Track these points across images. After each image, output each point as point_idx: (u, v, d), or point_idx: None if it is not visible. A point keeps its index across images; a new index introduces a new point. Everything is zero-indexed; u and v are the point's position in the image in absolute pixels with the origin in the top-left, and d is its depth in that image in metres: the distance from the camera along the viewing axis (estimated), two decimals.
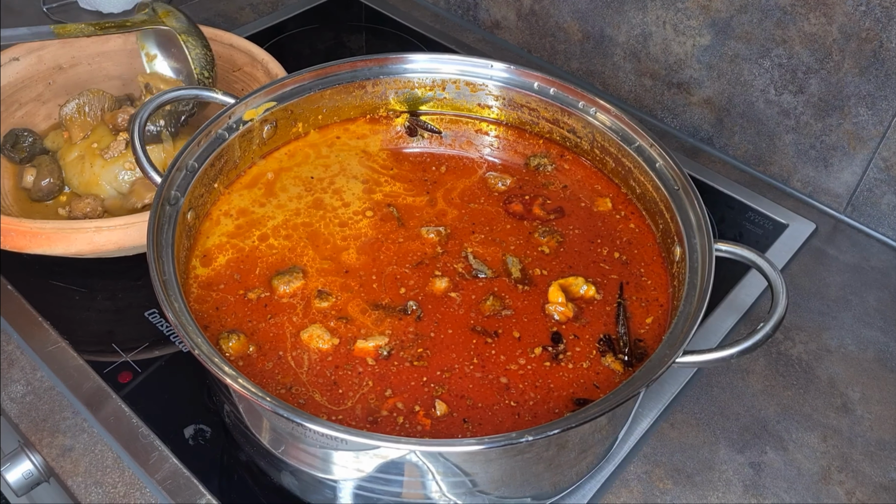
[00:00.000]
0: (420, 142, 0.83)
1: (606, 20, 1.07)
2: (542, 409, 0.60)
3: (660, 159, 0.73)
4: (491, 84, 0.83)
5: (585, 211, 0.77)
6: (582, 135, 0.80)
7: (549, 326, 0.66)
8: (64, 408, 0.73)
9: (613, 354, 0.64)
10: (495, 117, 0.84)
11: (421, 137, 0.83)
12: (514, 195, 0.78)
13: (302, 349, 0.63)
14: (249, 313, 0.65)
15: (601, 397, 0.56)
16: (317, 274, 0.69)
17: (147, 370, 0.76)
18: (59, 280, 0.84)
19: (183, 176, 0.68)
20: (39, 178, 0.87)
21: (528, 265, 0.71)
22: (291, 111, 0.79)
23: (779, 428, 0.75)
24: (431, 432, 0.58)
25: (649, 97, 1.09)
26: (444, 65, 0.83)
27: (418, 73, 0.82)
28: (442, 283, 0.68)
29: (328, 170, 0.79)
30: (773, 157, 1.00)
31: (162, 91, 0.71)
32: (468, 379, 0.62)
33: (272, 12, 1.28)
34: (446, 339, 0.64)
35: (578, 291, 0.69)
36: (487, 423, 0.59)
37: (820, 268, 0.91)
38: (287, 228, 0.72)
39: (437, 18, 1.28)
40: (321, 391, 0.60)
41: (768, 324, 0.58)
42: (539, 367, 0.63)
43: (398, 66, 0.82)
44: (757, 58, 0.95)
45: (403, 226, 0.74)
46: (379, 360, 0.62)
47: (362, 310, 0.66)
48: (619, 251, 0.73)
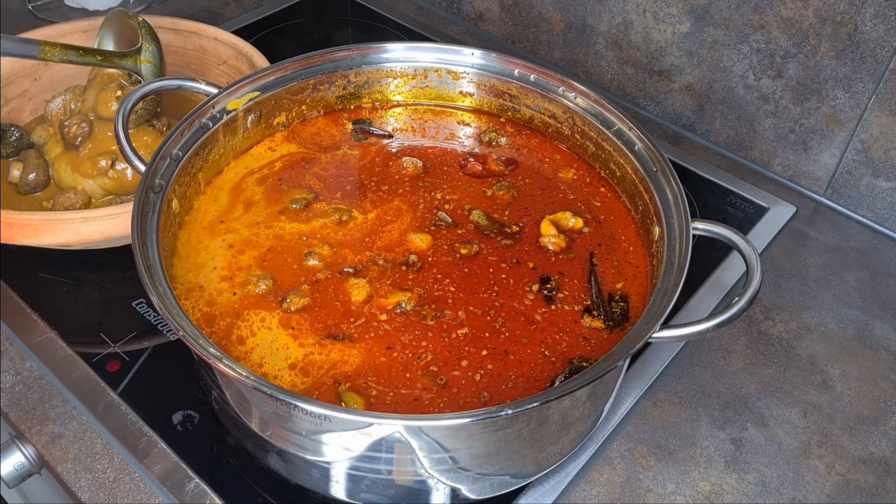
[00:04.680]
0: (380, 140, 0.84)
1: (588, 9, 1.08)
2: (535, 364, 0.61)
3: (638, 142, 0.74)
4: (472, 72, 0.84)
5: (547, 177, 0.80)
6: (562, 120, 0.81)
7: (547, 257, 0.71)
8: (53, 396, 0.74)
9: (590, 314, 0.66)
10: (476, 105, 0.85)
11: (369, 141, 0.83)
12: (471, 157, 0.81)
13: None
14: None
15: (591, 359, 0.59)
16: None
17: (135, 359, 0.77)
18: (47, 272, 0.84)
19: (167, 164, 0.69)
20: (26, 173, 0.88)
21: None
22: (274, 101, 0.80)
23: (759, 405, 0.77)
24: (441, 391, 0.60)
25: (632, 85, 1.10)
26: (424, 53, 0.84)
27: (400, 63, 0.83)
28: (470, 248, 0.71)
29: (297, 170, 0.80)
30: (754, 142, 1.01)
31: (145, 82, 0.72)
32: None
33: (256, 7, 1.28)
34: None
35: (567, 224, 0.74)
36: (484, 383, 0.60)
37: (800, 249, 0.93)
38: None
39: (422, 11, 1.29)
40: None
41: (744, 297, 0.59)
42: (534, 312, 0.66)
43: (378, 56, 0.83)
44: (735, 43, 0.96)
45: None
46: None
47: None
48: (591, 213, 0.75)
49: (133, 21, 0.91)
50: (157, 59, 0.91)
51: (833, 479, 0.71)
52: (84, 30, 1.02)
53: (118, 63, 0.89)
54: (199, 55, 1.03)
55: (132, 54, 0.89)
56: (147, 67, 0.89)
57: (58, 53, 0.85)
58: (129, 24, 0.93)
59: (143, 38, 0.90)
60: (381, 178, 0.78)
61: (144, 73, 0.89)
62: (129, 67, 0.89)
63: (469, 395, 0.61)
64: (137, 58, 0.89)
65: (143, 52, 0.89)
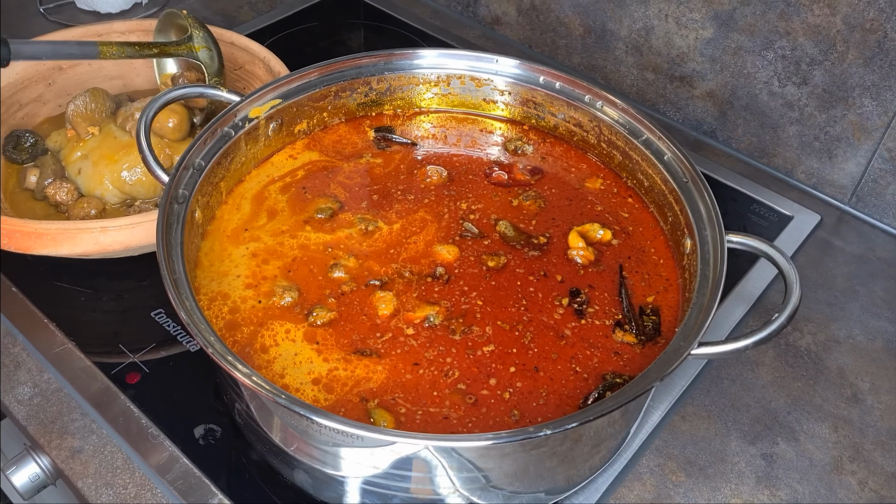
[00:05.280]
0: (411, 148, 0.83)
1: (608, 14, 1.07)
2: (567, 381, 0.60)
3: (668, 152, 0.73)
4: (497, 79, 0.82)
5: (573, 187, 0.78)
6: (588, 128, 0.80)
7: (576, 270, 0.69)
8: (72, 409, 0.72)
9: (622, 329, 0.65)
10: (500, 113, 0.84)
11: (392, 149, 0.81)
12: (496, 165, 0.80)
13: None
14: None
15: (624, 375, 0.59)
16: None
17: (155, 370, 0.75)
18: (64, 281, 0.83)
19: (190, 174, 0.68)
20: (43, 178, 0.86)
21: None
22: (296, 109, 0.78)
23: (790, 419, 0.75)
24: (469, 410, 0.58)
25: (652, 91, 1.08)
26: (448, 59, 0.82)
27: (423, 69, 0.82)
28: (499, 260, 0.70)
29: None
30: (777, 150, 1.00)
31: (167, 89, 0.71)
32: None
33: (271, 10, 1.27)
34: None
35: (596, 236, 0.72)
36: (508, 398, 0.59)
37: (826, 259, 0.91)
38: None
39: (437, 15, 1.28)
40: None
41: (783, 314, 0.58)
42: (563, 327, 0.65)
43: (402, 62, 0.82)
44: (760, 50, 0.95)
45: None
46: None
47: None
48: (620, 224, 0.74)
49: (181, 18, 0.93)
50: (210, 45, 0.93)
51: (866, 496, 0.70)
52: (99, 34, 1.01)
53: (174, 52, 0.91)
54: None
55: (184, 42, 0.91)
56: (204, 53, 0.91)
57: (116, 51, 0.86)
58: (179, 23, 0.95)
59: (192, 27, 0.92)
60: (406, 187, 0.77)
61: (202, 59, 0.91)
62: (186, 55, 0.91)
63: (499, 414, 0.60)
64: (191, 45, 0.91)
65: (195, 40, 0.91)
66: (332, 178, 0.77)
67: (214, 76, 0.91)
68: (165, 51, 0.91)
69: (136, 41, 0.90)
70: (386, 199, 0.75)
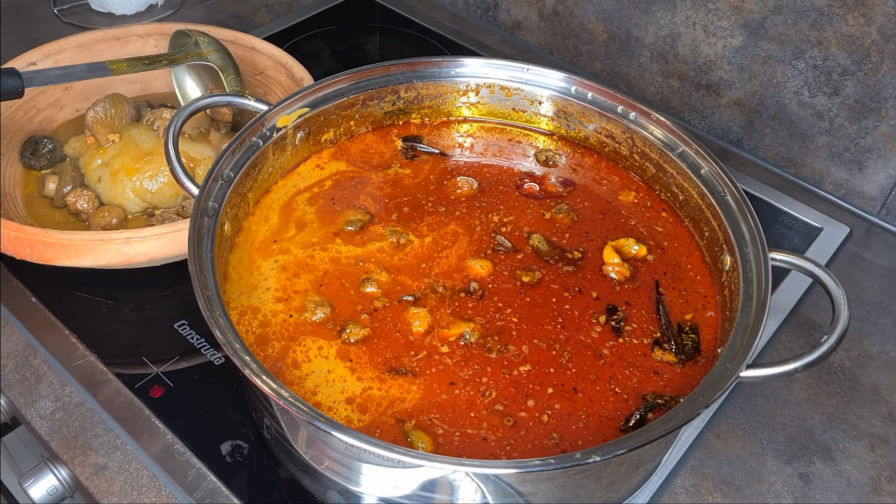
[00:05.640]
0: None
1: (633, 21, 1.05)
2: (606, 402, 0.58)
3: (705, 165, 0.71)
4: (527, 88, 0.81)
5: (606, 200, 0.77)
6: (621, 140, 0.78)
7: (611, 286, 0.68)
8: (95, 424, 0.71)
9: (661, 347, 0.63)
10: (530, 123, 0.82)
11: (420, 159, 0.80)
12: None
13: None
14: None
15: (666, 395, 0.58)
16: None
17: (179, 384, 0.74)
18: (85, 291, 0.82)
19: (219, 186, 0.66)
20: (62, 185, 0.85)
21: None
22: (323, 117, 0.77)
23: (825, 437, 0.74)
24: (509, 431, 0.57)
25: (676, 98, 1.07)
26: (477, 67, 0.81)
27: (453, 78, 0.81)
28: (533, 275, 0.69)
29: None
30: (805, 160, 0.99)
31: (195, 98, 0.69)
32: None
33: (288, 14, 1.26)
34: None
35: (630, 251, 0.71)
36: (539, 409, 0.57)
37: (857, 272, 0.90)
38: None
39: (456, 19, 1.27)
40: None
41: (831, 337, 0.56)
42: (601, 345, 0.64)
43: (432, 70, 0.80)
44: (791, 59, 0.93)
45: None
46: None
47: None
48: (654, 239, 0.72)
49: (186, 33, 0.93)
50: (218, 47, 0.92)
51: None
52: (117, 37, 0.99)
53: (184, 60, 0.91)
54: None
55: (191, 48, 0.91)
56: (215, 56, 0.91)
57: (126, 68, 0.86)
58: (189, 40, 0.94)
59: (195, 35, 0.91)
60: (437, 198, 0.75)
61: (214, 61, 0.91)
62: (197, 60, 0.91)
63: (538, 437, 0.58)
64: (199, 51, 0.90)
65: (201, 45, 0.91)
66: (360, 189, 0.76)
67: (231, 75, 0.90)
68: (175, 60, 0.91)
69: (146, 55, 0.90)
70: (416, 211, 0.74)
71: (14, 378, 0.74)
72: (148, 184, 0.82)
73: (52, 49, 0.95)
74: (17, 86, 0.78)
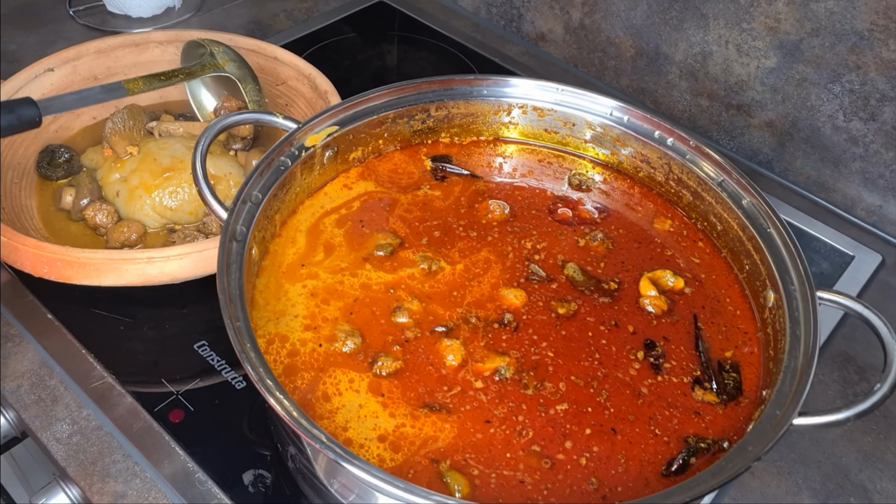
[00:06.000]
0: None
1: (663, 37, 1.03)
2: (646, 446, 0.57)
3: (746, 196, 0.69)
4: (560, 109, 0.79)
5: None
6: (656, 165, 0.76)
7: (648, 320, 0.66)
8: (114, 450, 0.69)
9: (701, 387, 0.61)
10: (562, 145, 0.80)
11: (450, 180, 0.78)
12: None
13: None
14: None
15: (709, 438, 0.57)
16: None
17: (199, 407, 0.72)
18: (101, 308, 0.79)
19: (247, 209, 0.64)
20: (79, 198, 0.82)
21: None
22: (352, 136, 0.75)
23: (861, 477, 0.72)
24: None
25: (705, 117, 1.05)
26: (509, 88, 0.78)
27: (485, 97, 0.78)
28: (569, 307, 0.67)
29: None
30: (837, 185, 0.97)
31: (221, 116, 0.67)
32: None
33: (307, 19, 1.23)
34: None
35: (667, 284, 0.69)
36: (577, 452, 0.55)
37: (890, 303, 0.88)
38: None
39: (478, 28, 1.24)
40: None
41: (885, 384, 0.54)
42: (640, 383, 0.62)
43: (463, 89, 0.78)
44: (826, 83, 0.91)
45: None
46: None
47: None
48: (692, 271, 0.70)
49: (199, 44, 0.90)
50: (234, 56, 0.90)
51: None
52: (136, 43, 0.97)
53: (201, 72, 0.89)
54: (256, 74, 0.98)
55: (207, 60, 0.89)
56: (232, 66, 0.89)
57: (143, 86, 0.84)
58: (201, 50, 0.91)
59: (210, 45, 0.89)
60: (468, 222, 0.73)
61: (231, 71, 0.89)
62: (214, 72, 0.89)
63: (576, 481, 0.56)
64: (214, 62, 0.88)
65: (216, 56, 0.89)
66: (389, 212, 0.74)
67: (249, 84, 0.88)
68: (192, 73, 0.89)
69: (162, 71, 0.87)
70: (447, 236, 0.72)
71: (30, 399, 0.72)
72: (168, 201, 0.80)
73: (70, 55, 0.93)
74: (34, 116, 0.75)
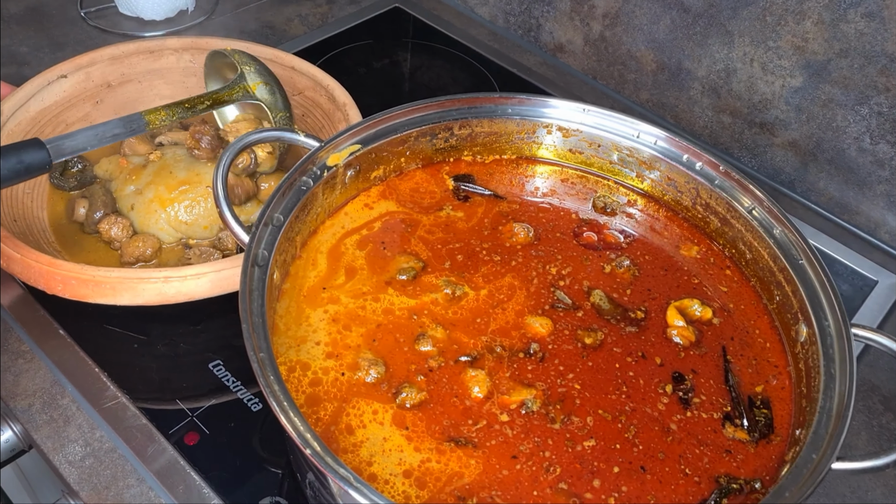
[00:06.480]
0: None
1: (686, 52, 1.02)
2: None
3: (778, 225, 0.68)
4: (585, 129, 0.77)
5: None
6: (683, 189, 0.75)
7: (675, 352, 0.64)
8: (127, 473, 0.67)
9: (732, 423, 0.60)
10: (587, 166, 0.79)
11: (473, 200, 0.76)
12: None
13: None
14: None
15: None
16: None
17: (214, 430, 0.71)
18: (115, 324, 0.78)
19: (269, 232, 0.63)
20: (93, 211, 0.81)
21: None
22: (374, 154, 0.73)
23: None
24: None
25: (727, 135, 1.03)
26: (533, 108, 0.77)
27: (509, 116, 0.77)
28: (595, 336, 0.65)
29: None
30: (861, 207, 0.95)
31: (244, 134, 0.66)
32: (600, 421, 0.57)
33: (322, 25, 1.21)
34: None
35: (695, 314, 0.67)
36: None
37: None
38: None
39: (495, 37, 1.23)
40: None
41: None
42: (669, 419, 0.60)
43: (488, 107, 0.77)
44: (854, 104, 0.90)
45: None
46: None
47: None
48: (720, 300, 0.69)
49: (227, 55, 0.85)
50: (267, 78, 0.84)
51: None
52: (151, 50, 0.95)
53: (230, 99, 0.82)
54: None
55: (237, 83, 0.83)
56: (262, 90, 0.83)
57: (164, 117, 0.77)
58: (226, 61, 0.86)
59: (241, 63, 0.84)
60: (492, 245, 0.72)
61: (261, 97, 0.83)
62: (243, 98, 0.83)
63: None
64: (244, 85, 0.83)
65: (247, 78, 0.83)
66: (411, 233, 0.72)
67: (280, 112, 0.84)
68: (219, 99, 0.82)
69: (185, 98, 0.81)
70: (471, 260, 0.70)
71: (41, 419, 0.70)
72: (183, 215, 0.79)
73: (84, 61, 0.91)
74: (43, 162, 0.68)
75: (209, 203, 0.81)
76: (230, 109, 0.93)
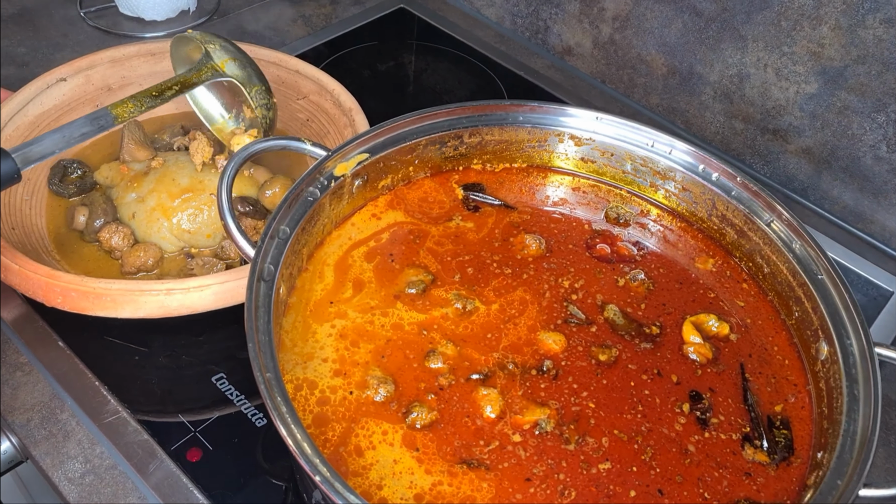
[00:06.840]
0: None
1: (697, 57, 1.00)
2: None
3: (798, 239, 0.66)
4: (598, 138, 0.75)
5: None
6: (699, 200, 0.73)
7: (692, 369, 0.63)
8: (129, 492, 0.66)
9: (752, 445, 0.58)
10: (600, 176, 0.77)
11: (483, 211, 0.74)
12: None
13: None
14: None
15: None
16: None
17: (217, 446, 0.69)
18: (115, 335, 0.76)
19: (275, 245, 0.61)
20: (93, 219, 0.79)
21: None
22: (382, 163, 0.71)
23: None
24: None
25: (738, 141, 1.01)
26: (544, 116, 0.75)
27: (521, 124, 0.75)
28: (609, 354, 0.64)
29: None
30: (875, 216, 0.93)
31: (248, 143, 0.64)
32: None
33: (326, 26, 1.19)
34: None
35: (711, 329, 0.66)
36: None
37: None
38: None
39: (502, 39, 1.21)
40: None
41: None
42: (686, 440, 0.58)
43: (498, 115, 0.75)
44: (870, 112, 0.88)
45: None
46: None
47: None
48: (736, 315, 0.67)
49: (190, 39, 0.80)
50: (234, 53, 0.80)
51: None
52: (152, 52, 0.93)
53: (199, 80, 0.78)
54: (276, 87, 0.94)
55: (204, 63, 0.78)
56: (231, 66, 0.79)
57: (132, 109, 0.74)
58: (192, 45, 0.81)
59: (204, 43, 0.79)
60: (503, 258, 0.70)
61: (232, 73, 0.79)
62: (213, 77, 0.78)
63: None
64: (212, 65, 0.78)
65: (214, 56, 0.78)
66: (420, 245, 0.70)
67: (255, 86, 0.80)
68: (188, 82, 0.78)
69: (152, 86, 0.77)
70: (481, 273, 0.69)
71: (40, 434, 0.69)
72: (186, 224, 0.77)
73: (84, 64, 0.89)
74: (10, 171, 0.65)
75: (213, 211, 0.79)
76: (209, 102, 0.88)
